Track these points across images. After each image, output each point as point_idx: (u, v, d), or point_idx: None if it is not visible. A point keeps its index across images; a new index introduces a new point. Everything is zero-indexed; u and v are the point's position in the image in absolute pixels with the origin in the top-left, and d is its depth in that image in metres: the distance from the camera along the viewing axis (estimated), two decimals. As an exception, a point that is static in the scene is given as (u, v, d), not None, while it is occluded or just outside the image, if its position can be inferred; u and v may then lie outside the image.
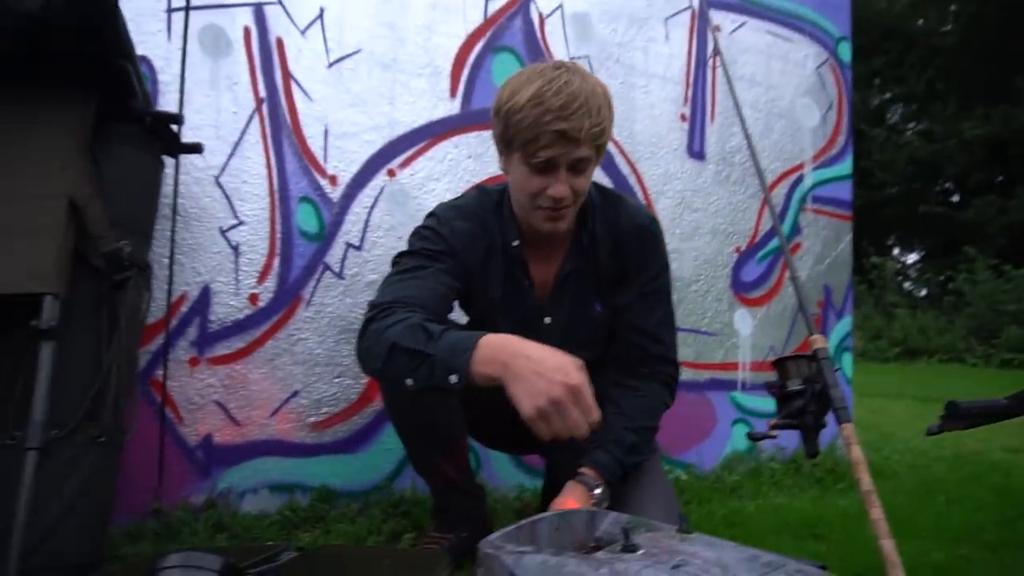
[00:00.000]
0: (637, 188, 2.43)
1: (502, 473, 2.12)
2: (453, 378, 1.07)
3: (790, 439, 2.54)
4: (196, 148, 1.68)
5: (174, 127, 1.58)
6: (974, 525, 1.91)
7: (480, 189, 1.52)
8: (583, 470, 1.36)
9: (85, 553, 1.24)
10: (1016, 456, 3.23)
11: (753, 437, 1.37)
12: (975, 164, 16.72)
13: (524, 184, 1.32)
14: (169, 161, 1.72)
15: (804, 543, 1.76)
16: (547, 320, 1.49)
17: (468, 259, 1.41)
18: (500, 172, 2.13)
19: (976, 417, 1.15)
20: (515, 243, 1.43)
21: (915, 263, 20.89)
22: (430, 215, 1.47)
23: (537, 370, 1.00)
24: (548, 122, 1.21)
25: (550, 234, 1.37)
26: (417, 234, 1.43)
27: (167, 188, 1.73)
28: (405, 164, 2.06)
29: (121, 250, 1.31)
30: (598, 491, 1.33)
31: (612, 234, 1.46)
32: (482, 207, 1.46)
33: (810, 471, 2.51)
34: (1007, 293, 12.53)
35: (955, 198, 19.17)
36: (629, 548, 0.95)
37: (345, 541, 1.65)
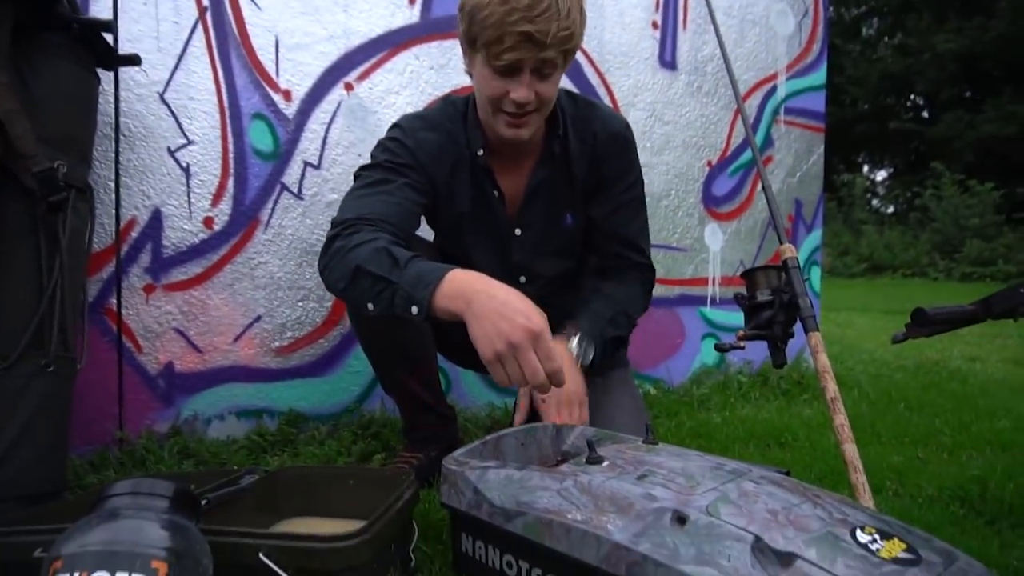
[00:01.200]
0: (607, 99, 2.35)
1: (473, 392, 2.12)
2: (415, 309, 1.03)
3: (757, 352, 2.57)
4: (134, 60, 1.56)
5: (107, 37, 1.46)
6: (932, 430, 1.97)
7: (446, 100, 1.45)
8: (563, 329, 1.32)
9: (43, 482, 1.21)
10: (974, 364, 3.33)
11: (721, 348, 1.36)
12: (946, 79, 16.70)
13: (486, 87, 1.26)
14: (107, 77, 1.61)
15: (769, 451, 1.80)
16: (517, 232, 1.45)
17: (434, 172, 1.36)
18: (464, 84, 2.06)
19: (942, 323, 1.15)
20: (480, 152, 1.37)
21: (884, 180, 21.11)
22: (394, 126, 1.40)
23: (499, 311, 0.94)
24: (514, 22, 1.14)
25: (513, 141, 1.32)
26: (381, 146, 1.37)
27: (107, 106, 1.63)
28: (363, 77, 1.95)
29: (55, 170, 1.22)
30: (575, 339, 1.29)
31: (585, 142, 1.41)
32: (448, 118, 1.40)
33: (777, 383, 2.56)
34: (971, 208, 12.77)
35: (925, 114, 19.21)
36: (594, 460, 0.94)
37: (314, 464, 1.64)
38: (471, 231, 1.44)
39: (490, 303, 0.96)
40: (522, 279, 1.50)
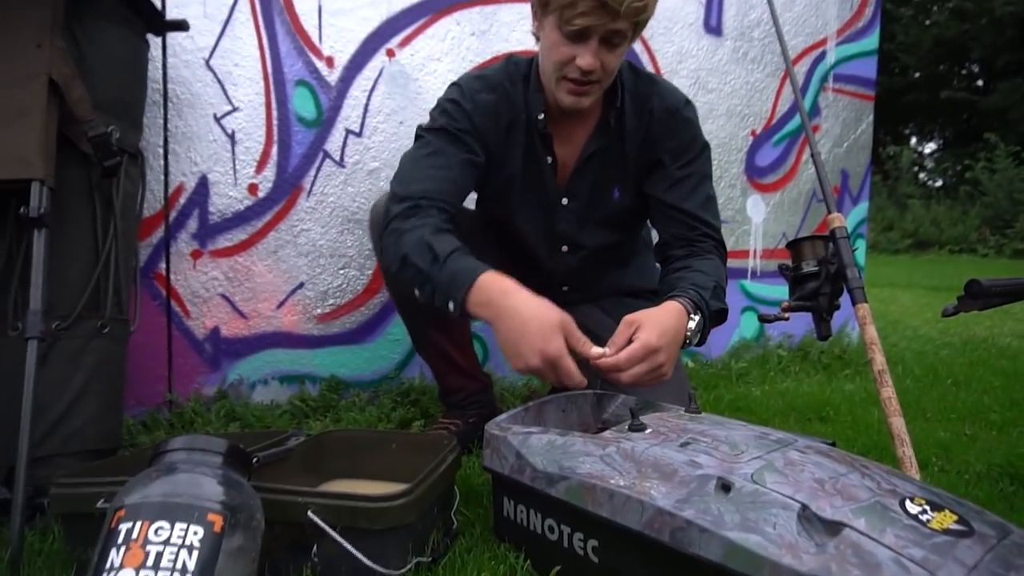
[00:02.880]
0: (650, 66, 2.31)
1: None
2: (451, 305, 1.12)
3: (799, 326, 2.54)
4: (182, 25, 1.57)
5: (156, 2, 1.48)
6: (980, 406, 1.92)
7: (509, 59, 1.43)
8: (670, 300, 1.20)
9: (101, 439, 1.25)
10: (1024, 342, 3.23)
11: (764, 319, 1.35)
12: (1004, 44, 15.96)
13: (553, 51, 1.25)
14: (155, 43, 1.63)
15: (810, 425, 1.79)
16: (564, 201, 1.44)
17: (489, 135, 1.36)
18: (505, 51, 2.04)
19: (998, 295, 1.11)
20: (540, 116, 1.36)
21: (932, 153, 20.40)
22: (454, 85, 1.40)
23: (520, 332, 1.04)
24: None
25: (573, 109, 1.30)
26: (439, 107, 1.38)
27: (155, 72, 1.65)
28: (404, 43, 1.94)
29: (109, 135, 1.24)
30: (696, 319, 1.18)
31: (642, 118, 1.39)
32: (509, 79, 1.39)
33: (817, 357, 2.52)
34: (1026, 181, 12.27)
35: (979, 82, 18.43)
36: (636, 427, 0.94)
37: (356, 428, 1.67)
38: (519, 196, 1.44)
39: (512, 322, 1.05)
40: (564, 248, 1.49)
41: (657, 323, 1.11)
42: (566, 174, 1.43)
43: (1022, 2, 14.60)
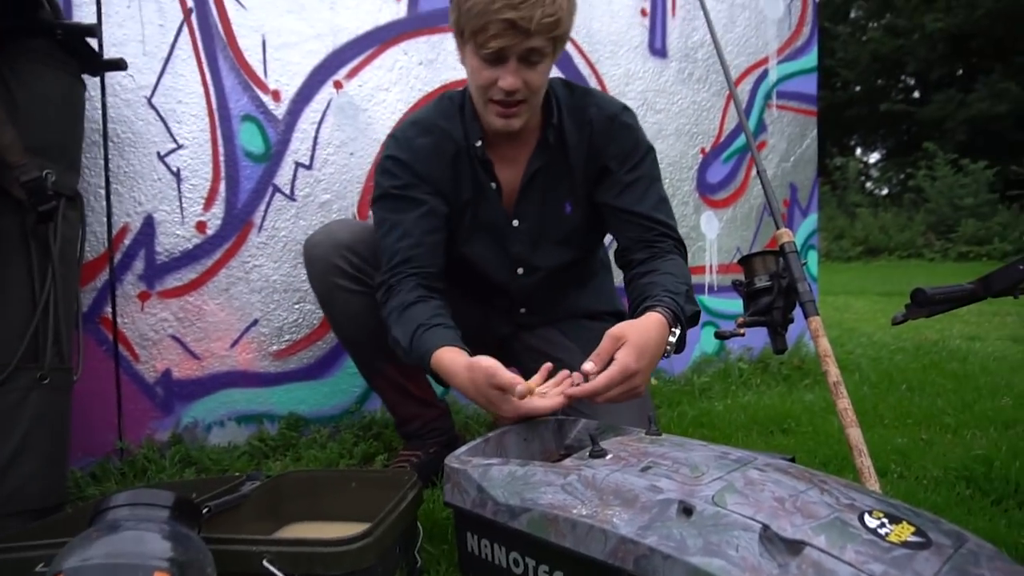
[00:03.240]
0: (597, 88, 2.34)
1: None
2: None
3: (757, 339, 2.58)
4: (119, 65, 1.54)
5: (91, 41, 1.44)
6: (935, 410, 1.96)
7: (441, 96, 1.44)
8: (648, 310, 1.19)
9: (44, 496, 1.20)
10: (973, 343, 3.33)
11: (720, 336, 1.36)
12: (937, 58, 16.67)
13: (476, 76, 1.26)
14: (93, 83, 1.60)
15: (772, 438, 1.80)
16: (515, 223, 1.44)
17: (435, 176, 1.37)
18: (454, 79, 2.05)
19: (942, 303, 1.14)
20: (478, 143, 1.36)
21: (877, 162, 21.10)
22: (390, 137, 1.42)
23: (472, 397, 1.16)
24: (497, 10, 1.14)
25: (504, 131, 1.31)
26: (380, 168, 1.40)
27: (94, 112, 1.61)
28: (352, 74, 1.94)
29: (44, 179, 1.21)
30: (676, 332, 1.18)
31: (583, 130, 1.40)
32: (444, 115, 1.40)
33: (777, 369, 2.56)
34: (965, 187, 12.76)
35: (916, 94, 19.19)
36: (597, 453, 0.93)
37: (317, 467, 1.63)
38: (471, 223, 1.43)
39: (463, 391, 1.16)
40: (520, 271, 1.49)
41: (639, 339, 1.10)
42: (512, 196, 1.43)
43: (951, 18, 15.29)
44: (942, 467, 1.46)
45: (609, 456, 0.93)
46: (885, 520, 0.74)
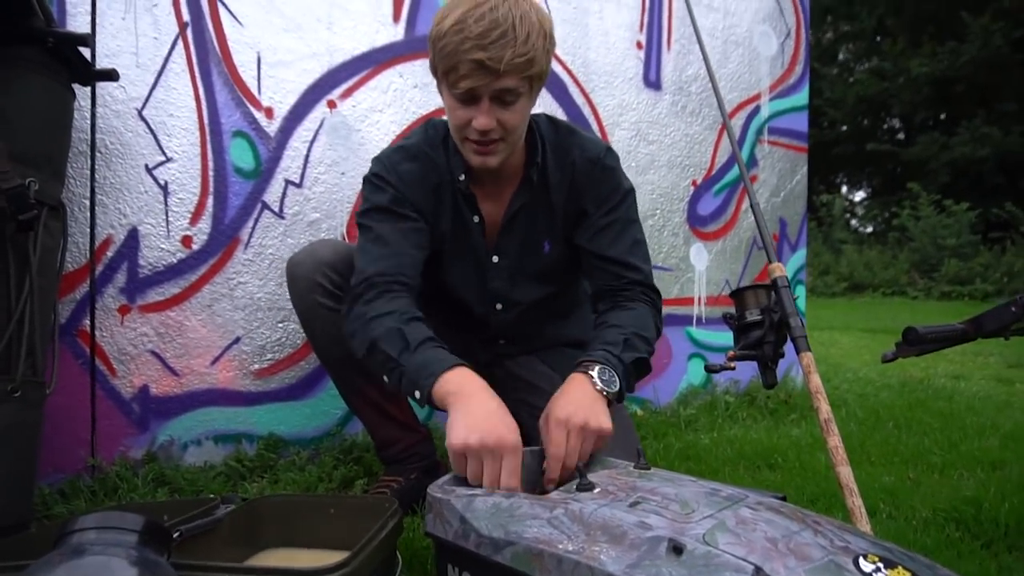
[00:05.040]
0: (592, 119, 2.35)
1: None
2: (417, 395, 1.11)
3: (744, 372, 2.57)
4: (111, 75, 1.52)
5: (84, 51, 1.42)
6: (922, 449, 1.95)
7: (427, 124, 1.43)
8: (580, 364, 1.20)
9: (6, 514, 1.15)
10: (957, 382, 3.34)
11: (711, 369, 1.34)
12: (921, 102, 17.01)
13: (452, 115, 1.25)
14: (84, 92, 1.58)
15: (760, 473, 1.78)
16: (495, 259, 1.43)
17: (418, 200, 1.35)
18: (448, 103, 2.05)
19: (933, 342, 1.14)
20: (461, 178, 1.35)
21: (862, 200, 21.39)
22: (375, 160, 1.40)
23: (474, 416, 1.03)
24: (466, 51, 1.12)
25: (482, 169, 1.29)
26: (367, 184, 1.38)
27: (83, 122, 1.59)
28: (346, 95, 1.93)
29: (26, 187, 1.18)
30: (596, 369, 1.16)
31: (564, 170, 1.39)
32: (429, 143, 1.38)
33: (764, 403, 2.54)
34: (947, 228, 12.93)
35: (901, 136, 19.54)
36: (585, 487, 0.91)
37: (295, 490, 1.59)
38: (450, 256, 1.42)
39: (471, 406, 1.04)
40: (498, 306, 1.47)
41: (560, 411, 1.09)
42: (494, 232, 1.41)
43: (936, 64, 15.63)
44: (931, 508, 1.44)
45: (597, 490, 0.90)
46: (881, 564, 0.72)
